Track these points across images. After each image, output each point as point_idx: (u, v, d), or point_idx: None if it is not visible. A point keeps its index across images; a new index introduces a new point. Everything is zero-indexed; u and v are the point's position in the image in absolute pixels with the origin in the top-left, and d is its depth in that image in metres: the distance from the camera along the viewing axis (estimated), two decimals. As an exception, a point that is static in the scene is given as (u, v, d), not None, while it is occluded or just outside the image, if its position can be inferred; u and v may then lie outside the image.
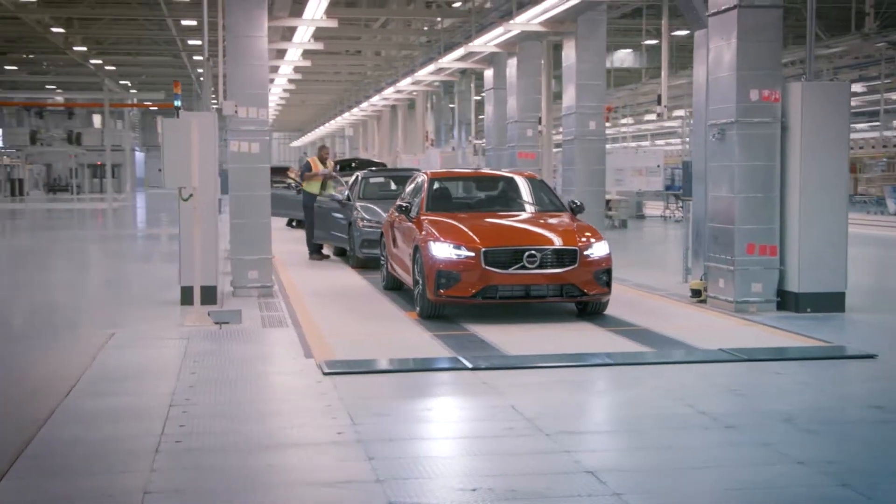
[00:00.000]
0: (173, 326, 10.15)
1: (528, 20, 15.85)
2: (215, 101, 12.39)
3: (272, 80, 27.78)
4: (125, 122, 59.22)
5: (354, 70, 35.86)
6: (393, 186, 16.82)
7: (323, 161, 18.19)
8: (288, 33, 18.77)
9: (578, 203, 12.21)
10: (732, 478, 5.27)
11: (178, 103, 11.87)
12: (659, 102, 19.60)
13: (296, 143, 77.49)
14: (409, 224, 11.59)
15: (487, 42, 18.65)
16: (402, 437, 6.12)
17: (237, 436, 6.09)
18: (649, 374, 7.92)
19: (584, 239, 10.61)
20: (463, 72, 25.92)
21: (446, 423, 6.61)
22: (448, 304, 10.45)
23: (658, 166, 22.56)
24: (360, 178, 16.71)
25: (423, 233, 10.88)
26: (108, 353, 8.74)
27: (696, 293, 12.13)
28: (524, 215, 11.87)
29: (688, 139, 16.44)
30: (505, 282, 10.18)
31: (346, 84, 40.27)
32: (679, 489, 5.09)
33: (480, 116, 31.09)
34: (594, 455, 5.72)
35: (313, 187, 17.38)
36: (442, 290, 10.20)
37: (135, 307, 11.70)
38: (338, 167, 21.11)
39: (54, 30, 30.07)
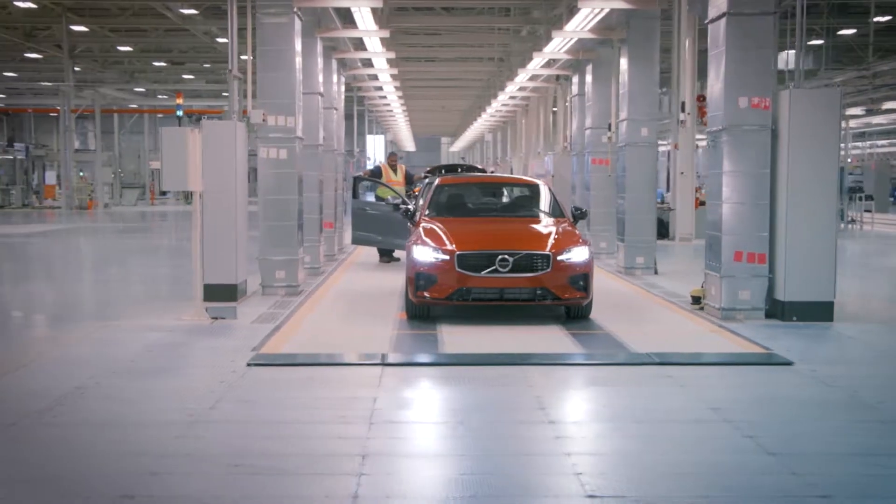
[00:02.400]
0: (171, 320, 10.95)
1: (576, 28, 16.04)
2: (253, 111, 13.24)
3: (380, 88, 28.72)
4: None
5: (474, 76, 36.49)
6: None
7: (393, 168, 18.89)
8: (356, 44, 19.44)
9: (582, 210, 12.57)
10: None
11: (179, 113, 12.77)
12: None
13: (454, 148, 78.84)
14: (411, 227, 12.26)
15: (556, 49, 18.91)
16: (235, 419, 6.72)
17: (89, 413, 6.84)
18: (539, 373, 8.19)
19: (560, 245, 10.84)
20: (557, 77, 26.14)
21: (293, 409, 7.10)
22: (428, 305, 10.83)
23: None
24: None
25: (414, 236, 11.44)
26: (80, 343, 9.67)
27: (696, 300, 12.20)
28: (516, 221, 12.21)
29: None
30: (478, 284, 10.55)
31: (475, 90, 40.99)
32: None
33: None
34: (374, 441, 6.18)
35: (385, 193, 18.07)
36: (420, 291, 10.65)
37: (159, 301, 12.59)
38: (421, 174, 21.71)
39: (220, 40, 31.93)
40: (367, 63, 22.20)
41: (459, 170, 25.01)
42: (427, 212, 12.25)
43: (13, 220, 35.12)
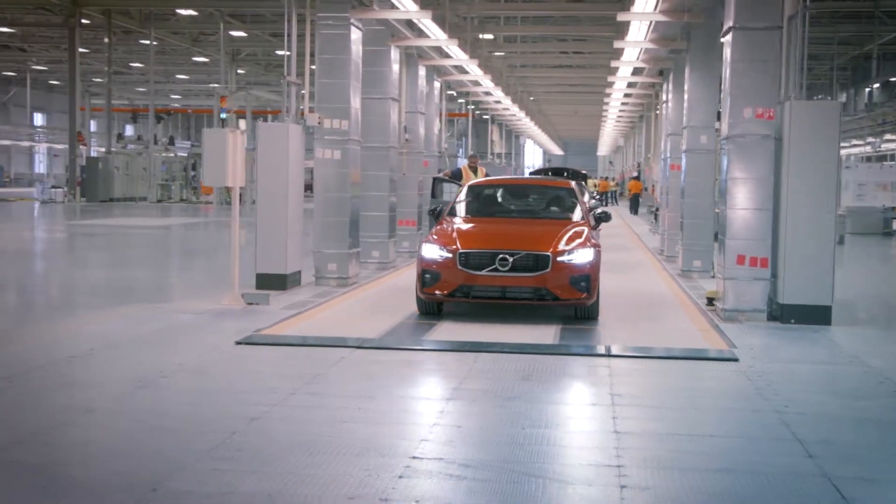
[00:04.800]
0: (210, 304, 12.12)
1: (637, 38, 16.50)
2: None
3: (489, 94, 29.54)
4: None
5: (588, 82, 36.95)
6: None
7: (473, 169, 19.74)
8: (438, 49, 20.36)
9: (603, 213, 12.99)
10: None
11: (223, 115, 13.91)
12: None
13: (600, 152, 78.94)
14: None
15: (630, 58, 19.36)
16: (173, 387, 7.76)
17: (60, 377, 8.08)
18: (475, 360, 8.87)
19: (564, 246, 11.08)
20: (652, 85, 26.36)
21: (235, 380, 8.04)
22: (434, 301, 11.31)
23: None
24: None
25: (428, 234, 12.06)
26: (109, 321, 10.97)
27: (710, 301, 12.61)
28: (531, 222, 12.60)
29: None
30: (478, 282, 10.92)
31: (597, 95, 41.40)
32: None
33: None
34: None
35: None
36: (426, 288, 11.11)
37: (211, 287, 13.81)
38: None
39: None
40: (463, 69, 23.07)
41: (565, 174, 25.60)
42: (451, 212, 12.77)
43: (163, 213, 37.64)
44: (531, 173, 24.50)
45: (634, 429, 6.61)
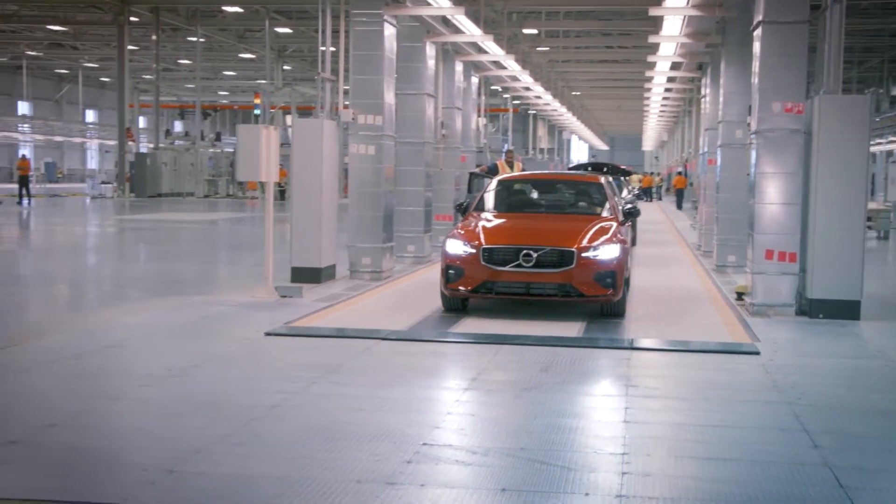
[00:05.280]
0: (244, 297, 12.36)
1: (670, 34, 16.52)
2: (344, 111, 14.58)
3: (528, 89, 29.60)
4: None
5: (627, 76, 36.88)
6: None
7: (510, 164, 19.85)
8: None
9: (632, 208, 12.96)
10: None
11: (257, 112, 14.14)
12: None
13: (645, 147, 78.61)
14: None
15: (667, 53, 19.36)
16: (201, 376, 8.01)
17: (95, 362, 8.35)
18: (495, 352, 9.03)
19: (589, 241, 10.93)
20: (692, 80, 26.27)
21: (259, 368, 8.26)
22: (458, 297, 11.19)
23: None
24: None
25: (453, 230, 11.93)
26: (146, 312, 11.29)
27: (739, 296, 12.64)
28: (558, 217, 12.46)
29: None
30: (502, 278, 10.80)
31: (639, 90, 41.29)
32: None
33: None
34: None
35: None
36: (450, 283, 11.04)
37: (248, 280, 14.06)
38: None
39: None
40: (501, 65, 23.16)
41: (605, 169, 25.63)
42: (477, 207, 12.71)
43: (209, 208, 38.13)
44: (570, 168, 24.57)
45: (644, 419, 6.72)
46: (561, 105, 36.92)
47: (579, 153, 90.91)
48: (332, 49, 14.41)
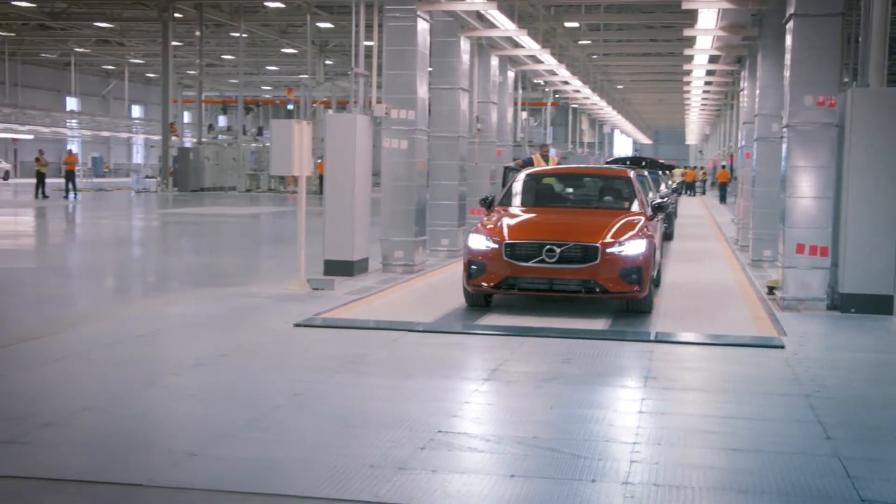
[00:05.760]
0: (277, 289, 12.52)
1: (705, 27, 16.49)
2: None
3: (567, 83, 29.59)
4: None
5: (666, 70, 36.74)
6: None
7: (545, 158, 19.92)
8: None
9: (661, 203, 12.75)
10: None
11: (291, 108, 14.31)
12: None
13: (689, 141, 78.12)
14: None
15: (702, 46, 19.32)
16: (226, 364, 8.19)
17: (121, 354, 8.56)
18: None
19: (614, 236, 10.71)
20: (731, 73, 26.15)
21: (283, 357, 8.40)
22: (481, 293, 11.03)
23: None
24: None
25: (476, 224, 11.69)
26: (179, 304, 11.52)
27: (771, 290, 12.64)
28: (584, 212, 12.20)
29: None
30: (524, 274, 10.59)
31: (675, 83, 41.12)
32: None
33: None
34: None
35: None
36: (472, 279, 10.86)
37: (282, 273, 14.21)
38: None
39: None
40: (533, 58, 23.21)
41: (643, 163, 25.57)
42: (502, 201, 12.52)
43: (250, 202, 38.52)
44: (607, 162, 24.59)
45: (659, 410, 6.79)
46: (601, 99, 36.84)
47: (623, 147, 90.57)
48: (370, 43, 14.54)
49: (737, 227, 21.42)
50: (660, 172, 24.90)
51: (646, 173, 19.93)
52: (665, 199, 13.21)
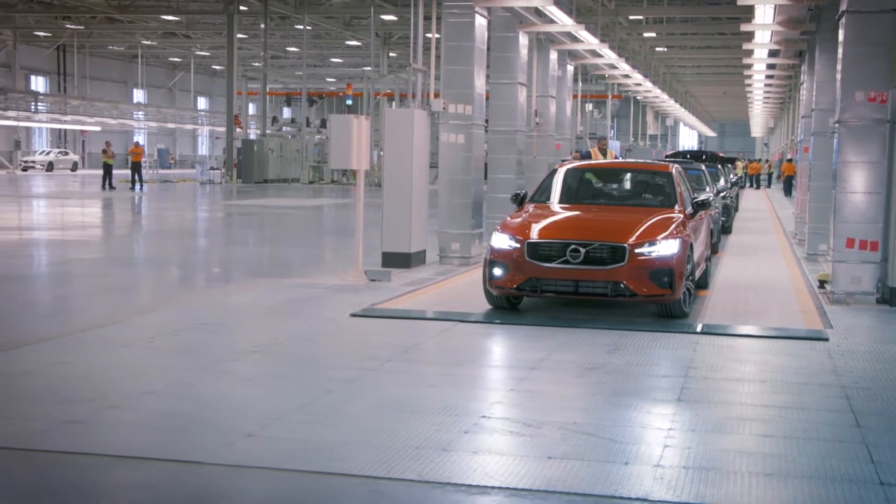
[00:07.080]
0: (334, 280, 12.91)
1: (762, 23, 16.54)
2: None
3: (628, 76, 29.63)
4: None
5: (734, 63, 36.54)
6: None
7: (603, 152, 20.10)
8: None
9: (703, 200, 12.04)
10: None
11: (349, 102, 14.65)
12: None
13: (754, 133, 77.38)
14: None
15: (760, 41, 19.32)
16: (282, 352, 8.58)
17: (183, 341, 9.01)
18: (569, 335, 9.39)
19: (645, 236, 10.06)
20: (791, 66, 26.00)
21: (339, 346, 8.66)
22: (504, 295, 10.48)
23: None
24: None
25: (502, 222, 11.11)
26: (240, 293, 11.95)
27: (822, 284, 12.74)
28: (618, 209, 11.62)
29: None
30: (547, 275, 10.02)
31: (738, 76, 40.82)
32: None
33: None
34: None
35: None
36: (493, 280, 10.31)
37: (341, 264, 14.62)
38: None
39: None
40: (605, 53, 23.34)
41: (703, 157, 25.58)
42: (533, 198, 11.96)
43: (313, 194, 39.12)
44: (666, 156, 24.67)
45: (696, 398, 7.02)
46: (663, 92, 36.78)
47: (688, 140, 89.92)
48: (430, 35, 14.82)
49: (795, 220, 21.41)
50: (719, 166, 24.89)
51: (703, 167, 19.97)
52: (708, 196, 12.88)
